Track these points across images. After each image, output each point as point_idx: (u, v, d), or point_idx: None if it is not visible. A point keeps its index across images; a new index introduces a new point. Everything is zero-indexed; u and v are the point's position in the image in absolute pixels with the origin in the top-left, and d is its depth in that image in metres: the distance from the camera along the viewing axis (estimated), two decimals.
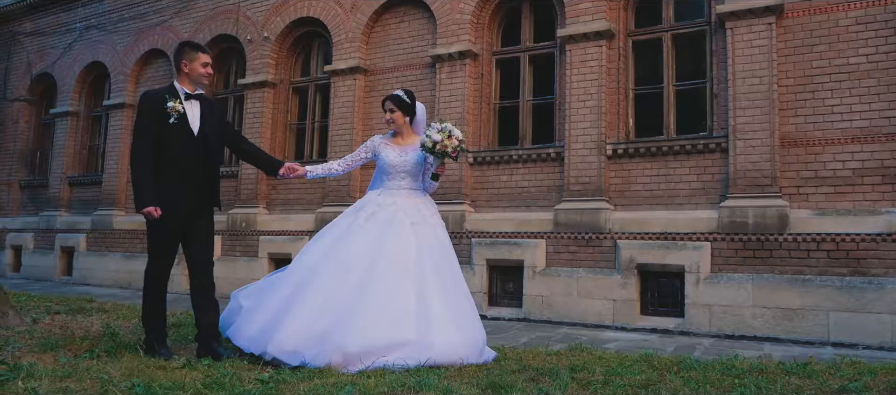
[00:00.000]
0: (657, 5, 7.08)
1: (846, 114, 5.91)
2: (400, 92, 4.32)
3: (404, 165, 4.15)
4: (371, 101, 8.56)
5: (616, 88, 7.02)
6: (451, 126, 4.00)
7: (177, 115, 3.83)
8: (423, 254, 3.84)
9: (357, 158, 4.35)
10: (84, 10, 11.84)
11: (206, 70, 3.99)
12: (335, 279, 3.71)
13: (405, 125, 4.28)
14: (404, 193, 4.13)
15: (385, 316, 3.53)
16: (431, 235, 3.99)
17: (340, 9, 8.78)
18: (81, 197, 11.57)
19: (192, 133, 3.89)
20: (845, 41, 5.97)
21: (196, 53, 3.98)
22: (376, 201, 4.07)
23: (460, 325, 3.72)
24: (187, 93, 3.93)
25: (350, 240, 3.89)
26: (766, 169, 6.07)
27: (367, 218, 3.98)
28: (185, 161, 3.86)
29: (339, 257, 3.82)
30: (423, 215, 4.05)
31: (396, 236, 3.85)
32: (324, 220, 8.46)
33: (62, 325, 4.61)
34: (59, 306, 5.99)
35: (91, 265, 10.80)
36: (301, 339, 3.52)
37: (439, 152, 3.95)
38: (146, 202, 3.71)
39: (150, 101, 3.87)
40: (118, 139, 10.84)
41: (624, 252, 6.56)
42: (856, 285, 5.57)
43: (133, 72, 10.96)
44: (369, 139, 4.37)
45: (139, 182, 3.77)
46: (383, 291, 3.62)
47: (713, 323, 6.05)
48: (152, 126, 3.80)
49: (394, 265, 3.73)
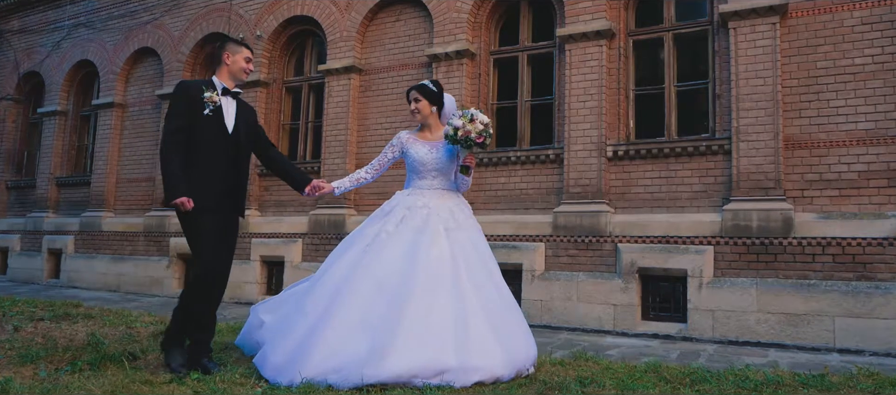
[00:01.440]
0: (658, 4, 6.96)
1: (851, 115, 5.80)
2: (426, 81, 4.03)
3: (435, 161, 3.82)
4: (366, 101, 8.39)
5: (616, 88, 6.89)
6: (476, 111, 3.68)
7: (213, 106, 3.63)
8: (459, 265, 3.53)
9: (384, 160, 4.00)
10: (73, 8, 11.62)
11: (248, 66, 3.86)
12: (368, 297, 3.38)
13: (433, 117, 3.95)
14: (436, 193, 3.80)
15: (422, 340, 3.21)
16: (467, 241, 3.68)
17: (335, 7, 8.61)
18: (70, 198, 11.34)
19: (226, 130, 3.70)
20: (850, 41, 5.85)
21: (240, 48, 3.86)
22: (406, 204, 3.75)
23: (503, 343, 3.40)
24: (225, 88, 3.77)
25: (381, 251, 3.56)
26: (770, 171, 5.95)
27: (396, 224, 3.65)
28: (216, 158, 3.65)
29: (371, 271, 3.48)
30: (457, 220, 3.73)
31: (430, 246, 3.53)
32: (317, 222, 8.31)
33: (45, 333, 4.42)
34: (43, 311, 5.80)
35: (79, 268, 10.58)
36: (332, 366, 3.18)
37: (462, 140, 3.61)
38: (177, 193, 3.47)
39: (186, 88, 3.70)
40: (107, 139, 10.63)
41: (625, 256, 6.43)
42: (862, 290, 5.46)
43: (123, 71, 10.75)
44: (395, 136, 4.02)
45: (170, 171, 3.52)
46: (420, 310, 3.29)
47: (716, 329, 5.92)
48: (186, 115, 3.59)
49: (430, 280, 3.40)
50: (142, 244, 9.97)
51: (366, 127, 8.34)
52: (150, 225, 9.85)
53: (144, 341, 4.36)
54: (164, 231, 9.68)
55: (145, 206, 10.19)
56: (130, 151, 10.57)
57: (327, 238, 8.27)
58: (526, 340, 3.62)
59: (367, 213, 8.18)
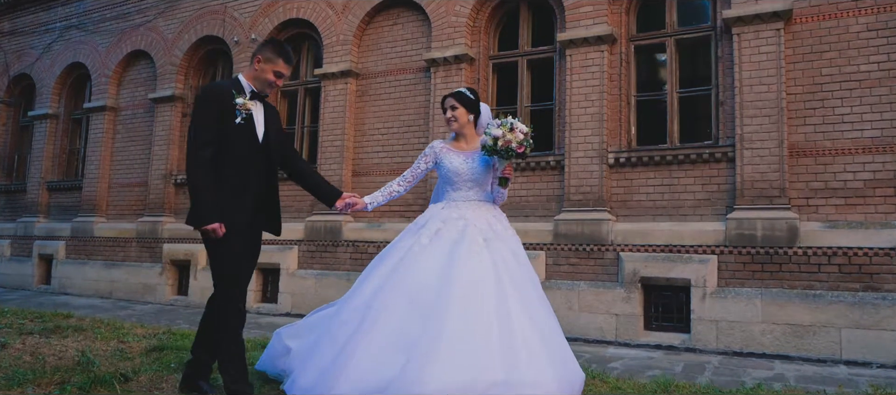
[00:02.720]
0: (660, 9, 6.86)
1: (857, 123, 5.72)
2: (462, 88, 3.84)
3: (471, 172, 3.62)
4: (363, 105, 8.27)
5: (618, 94, 6.79)
6: (515, 119, 3.45)
7: (245, 114, 3.26)
8: (501, 275, 3.27)
9: (417, 171, 3.76)
10: (64, 10, 11.44)
11: (276, 81, 3.40)
12: (402, 313, 3.15)
13: (469, 126, 3.73)
14: (472, 204, 3.59)
15: (466, 354, 2.96)
16: (508, 252, 3.44)
17: (331, 10, 8.48)
18: (61, 203, 11.16)
19: (257, 139, 3.32)
20: (856, 48, 5.77)
21: (277, 58, 3.37)
22: (441, 217, 3.54)
23: (553, 358, 3.17)
24: (253, 91, 3.36)
25: (414, 264, 3.33)
26: (775, 179, 5.86)
27: (430, 237, 3.44)
28: (247, 171, 3.29)
29: (404, 285, 3.25)
30: (495, 230, 3.50)
31: (469, 256, 3.29)
32: (314, 229, 8.17)
33: (33, 350, 4.28)
34: (33, 324, 5.65)
35: (70, 274, 10.41)
36: (368, 387, 2.94)
37: (502, 151, 3.39)
38: (209, 218, 3.13)
39: (216, 93, 3.29)
40: (99, 143, 10.46)
41: (627, 265, 6.33)
42: (869, 300, 5.38)
43: (115, 74, 10.58)
44: (429, 146, 3.79)
45: (201, 192, 3.15)
46: (460, 323, 3.05)
47: (720, 340, 5.83)
48: (217, 124, 3.20)
49: (469, 292, 3.16)
50: (134, 250, 9.81)
51: (363, 132, 8.21)
52: (143, 231, 9.69)
53: (137, 358, 4.23)
54: (157, 237, 9.53)
55: (138, 211, 10.03)
56: (123, 156, 10.40)
57: (324, 245, 8.14)
58: (574, 362, 3.38)
59: (364, 220, 8.10)
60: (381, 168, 7.86)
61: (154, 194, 9.71)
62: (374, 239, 7.81)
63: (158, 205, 9.65)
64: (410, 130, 7.87)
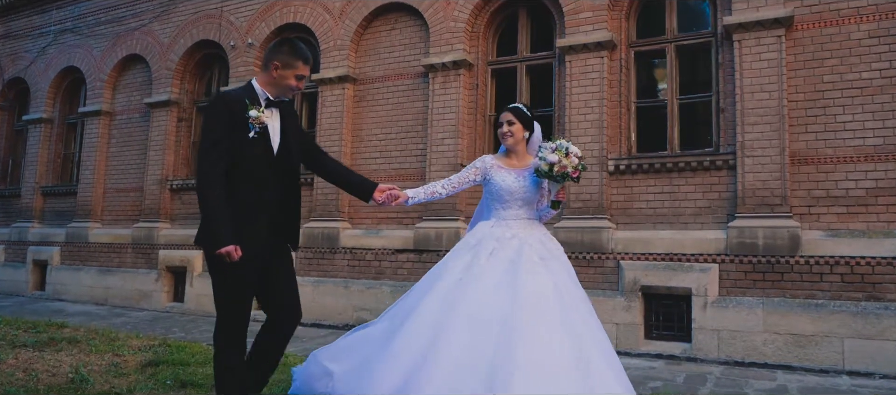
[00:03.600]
0: (660, 15, 6.81)
1: (859, 131, 5.68)
2: (519, 104, 3.69)
3: (523, 190, 3.52)
4: (360, 111, 8.20)
5: (618, 100, 6.74)
6: (566, 143, 3.38)
7: (259, 127, 3.02)
8: (563, 296, 3.19)
9: (464, 181, 3.63)
10: (58, 13, 11.34)
11: (298, 85, 3.16)
12: (471, 336, 3.01)
13: (522, 143, 3.62)
14: (522, 223, 3.50)
15: (544, 377, 2.84)
16: (564, 272, 3.35)
17: (329, 15, 8.41)
18: (55, 208, 11.07)
19: (271, 151, 3.09)
20: (857, 55, 5.73)
21: (295, 61, 3.10)
22: (494, 236, 3.43)
23: (619, 378, 3.07)
24: (268, 99, 3.11)
25: (475, 286, 3.20)
26: (776, 188, 5.82)
27: (487, 257, 3.32)
28: (262, 188, 3.06)
29: (467, 308, 3.11)
30: (549, 249, 3.41)
31: (529, 276, 3.19)
32: (311, 235, 8.10)
33: (26, 366, 4.20)
34: (27, 334, 5.57)
35: (65, 280, 10.32)
36: None
37: (558, 175, 3.33)
38: (225, 240, 2.87)
39: (228, 105, 3.02)
40: (94, 148, 10.38)
41: (627, 273, 6.28)
42: (872, 310, 5.34)
43: (110, 78, 10.50)
44: (479, 159, 3.66)
45: (215, 213, 2.90)
46: (534, 346, 2.93)
47: (722, 349, 5.78)
48: (229, 137, 2.96)
49: (536, 313, 3.05)
50: (130, 256, 9.72)
51: (360, 138, 8.15)
52: (139, 237, 9.61)
53: (132, 375, 4.16)
54: (153, 243, 9.45)
55: (133, 217, 9.95)
56: (118, 161, 10.31)
57: (321, 252, 8.07)
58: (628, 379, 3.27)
59: (363, 226, 8.03)
60: (379, 174, 7.79)
61: (149, 200, 9.63)
62: (372, 246, 7.74)
63: (154, 211, 9.57)
64: (408, 136, 7.81)
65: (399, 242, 7.60)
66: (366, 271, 7.76)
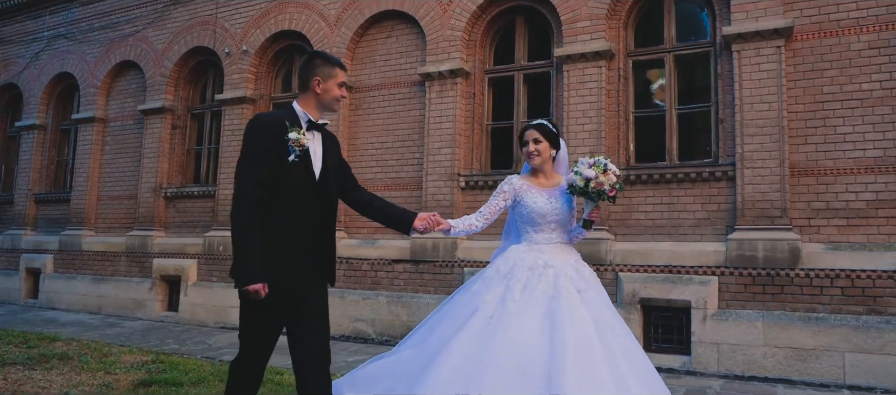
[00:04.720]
0: (659, 25, 6.76)
1: (859, 143, 5.63)
2: (544, 121, 3.47)
3: (556, 212, 3.33)
4: (356, 119, 8.13)
5: (616, 110, 6.68)
6: (606, 160, 3.20)
7: (300, 151, 2.82)
8: (604, 331, 3.04)
9: (495, 208, 3.42)
10: (52, 19, 11.24)
11: (341, 91, 2.99)
12: (512, 385, 2.80)
13: (549, 162, 3.45)
14: (555, 247, 3.31)
15: None
16: (601, 302, 3.19)
17: (324, 22, 8.34)
18: (48, 215, 10.96)
19: (313, 176, 2.88)
20: (857, 66, 5.69)
21: (333, 69, 2.96)
22: (526, 264, 3.23)
23: None
24: (310, 121, 2.91)
25: (513, 326, 3.02)
26: (776, 199, 5.77)
27: (521, 291, 3.13)
28: (302, 216, 2.84)
29: (505, 357, 2.91)
30: (585, 278, 3.24)
31: (569, 315, 3.02)
32: None
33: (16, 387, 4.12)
34: (18, 349, 5.49)
35: (58, 288, 10.22)
36: None
37: (594, 193, 3.14)
38: (253, 277, 2.67)
39: (267, 127, 2.82)
40: (87, 155, 10.28)
41: (626, 285, 6.22)
42: (873, 324, 5.29)
43: (104, 84, 10.40)
44: (505, 181, 3.46)
45: (246, 246, 2.69)
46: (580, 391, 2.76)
47: (722, 363, 5.73)
48: (269, 163, 2.76)
49: (579, 355, 2.88)
50: (123, 265, 9.63)
51: (356, 147, 8.08)
52: (133, 245, 9.52)
53: None
54: (147, 252, 9.35)
55: (127, 224, 9.86)
56: (112, 168, 10.22)
57: None
58: None
59: (359, 237, 7.95)
60: (375, 184, 7.72)
61: (144, 208, 9.54)
62: (368, 256, 7.67)
63: (148, 219, 9.47)
64: (405, 145, 7.74)
65: (395, 252, 7.53)
66: (362, 281, 7.69)
